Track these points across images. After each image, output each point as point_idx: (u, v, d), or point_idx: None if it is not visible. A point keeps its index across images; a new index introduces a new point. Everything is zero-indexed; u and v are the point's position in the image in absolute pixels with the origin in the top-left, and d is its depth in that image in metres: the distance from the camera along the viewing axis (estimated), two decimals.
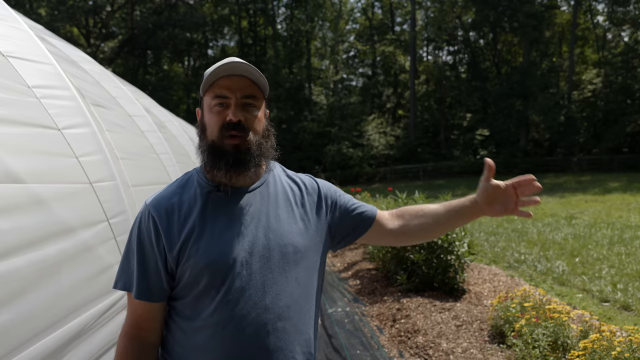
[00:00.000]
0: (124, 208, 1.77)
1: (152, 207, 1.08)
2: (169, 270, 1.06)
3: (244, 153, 1.07)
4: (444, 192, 5.24)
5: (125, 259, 1.09)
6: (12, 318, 1.07)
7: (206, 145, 1.09)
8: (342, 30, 34.71)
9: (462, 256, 4.43)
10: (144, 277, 1.05)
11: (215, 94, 1.07)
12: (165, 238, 1.04)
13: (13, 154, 1.24)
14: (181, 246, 1.04)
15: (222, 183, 1.10)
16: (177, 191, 1.11)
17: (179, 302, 1.08)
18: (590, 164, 26.01)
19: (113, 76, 3.30)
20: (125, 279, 1.09)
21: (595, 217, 9.63)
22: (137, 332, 1.08)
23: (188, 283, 1.05)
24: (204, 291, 1.04)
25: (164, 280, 1.06)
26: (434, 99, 33.54)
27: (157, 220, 1.05)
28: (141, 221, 1.08)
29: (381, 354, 3.37)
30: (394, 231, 1.27)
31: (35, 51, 1.65)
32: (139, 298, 1.05)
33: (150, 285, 1.06)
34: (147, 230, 1.06)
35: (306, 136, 28.27)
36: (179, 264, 1.05)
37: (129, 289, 1.08)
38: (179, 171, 3.41)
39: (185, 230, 1.05)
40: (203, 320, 1.04)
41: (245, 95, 1.08)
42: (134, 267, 1.06)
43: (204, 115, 1.11)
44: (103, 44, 30.97)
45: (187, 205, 1.08)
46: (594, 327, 2.85)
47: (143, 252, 1.06)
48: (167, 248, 1.04)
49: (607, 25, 31.67)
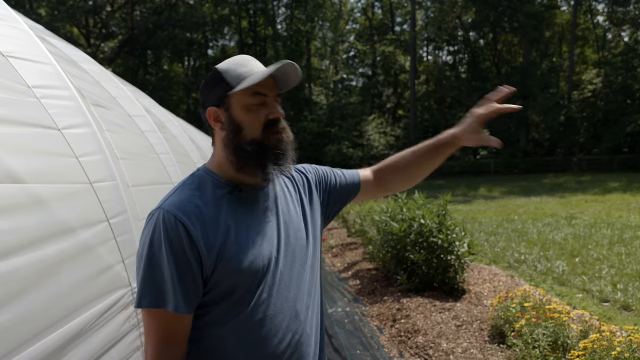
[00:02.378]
0: (124, 208, 1.77)
1: (177, 212, 0.99)
2: (204, 277, 1.00)
3: (287, 147, 1.09)
4: (444, 192, 5.24)
5: (149, 273, 0.98)
6: (12, 318, 1.07)
7: (249, 145, 1.05)
8: (342, 30, 34.71)
9: (462, 256, 4.43)
10: (182, 288, 0.97)
11: (254, 91, 1.05)
12: (201, 243, 0.98)
13: (13, 154, 1.24)
14: (219, 249, 0.99)
15: (242, 182, 1.09)
16: (195, 194, 1.04)
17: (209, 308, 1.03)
18: (590, 164, 26.03)
19: (113, 76, 3.30)
20: (153, 294, 0.97)
21: (595, 217, 9.63)
22: (173, 351, 1.00)
23: (226, 287, 1.01)
24: (242, 294, 1.02)
25: (200, 287, 1.00)
26: (434, 99, 33.55)
27: (187, 226, 0.97)
28: (167, 229, 0.97)
29: (381, 354, 3.37)
30: (380, 180, 1.38)
31: (35, 51, 1.65)
32: (178, 311, 0.97)
33: (189, 296, 0.98)
34: (177, 237, 0.97)
35: (306, 136, 28.26)
36: (216, 269, 1.00)
37: (159, 304, 0.97)
38: (179, 171, 3.40)
39: (219, 232, 1.00)
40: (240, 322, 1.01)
41: (277, 93, 1.11)
42: (167, 279, 0.97)
43: (235, 113, 1.06)
44: (103, 44, 30.98)
45: (212, 207, 1.03)
46: (594, 327, 2.85)
47: (177, 262, 0.97)
48: (205, 253, 0.98)
49: (607, 25, 31.69)
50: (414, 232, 4.50)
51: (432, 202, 4.88)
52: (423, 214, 4.56)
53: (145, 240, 1.00)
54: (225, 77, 1.05)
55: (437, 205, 4.75)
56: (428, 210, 4.64)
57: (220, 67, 1.07)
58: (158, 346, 0.99)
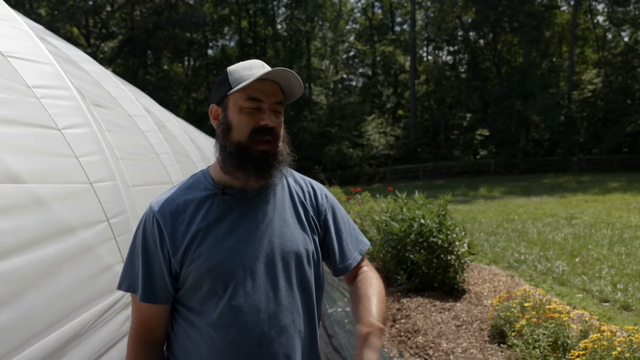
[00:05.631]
0: (124, 208, 1.77)
1: (156, 209, 1.07)
2: (173, 273, 1.05)
3: (272, 158, 1.07)
4: (444, 192, 5.24)
5: (129, 261, 1.09)
6: (12, 318, 1.07)
7: (232, 146, 1.06)
8: (342, 30, 34.73)
9: (462, 256, 4.43)
10: (149, 280, 1.05)
11: (250, 96, 1.05)
12: (169, 241, 1.04)
13: (13, 154, 1.24)
14: (185, 249, 1.03)
15: (230, 186, 1.09)
16: (182, 193, 1.10)
17: (183, 305, 1.08)
18: (590, 164, 26.02)
19: (113, 76, 3.30)
20: (129, 281, 1.08)
21: (595, 217, 9.63)
22: (145, 335, 1.09)
23: (191, 287, 1.05)
24: (207, 295, 1.04)
25: (169, 283, 1.06)
26: (434, 99, 33.55)
27: (161, 223, 1.05)
28: (146, 224, 1.07)
29: (381, 354, 3.37)
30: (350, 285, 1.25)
31: (35, 51, 1.64)
32: (144, 301, 1.05)
33: (155, 288, 1.05)
34: (152, 233, 1.06)
35: (306, 136, 28.27)
36: (183, 267, 1.04)
37: (133, 290, 1.07)
38: (179, 171, 3.40)
39: (189, 233, 1.04)
40: (207, 324, 1.03)
41: (276, 101, 1.08)
42: (139, 269, 1.06)
43: (229, 114, 1.08)
44: (103, 44, 30.97)
45: (192, 208, 1.07)
46: (594, 327, 2.85)
47: (147, 255, 1.06)
48: (171, 251, 1.04)
49: (607, 25, 31.70)
50: (414, 232, 4.50)
51: (432, 202, 4.88)
52: (423, 214, 4.56)
53: (134, 232, 1.11)
54: (229, 78, 1.08)
55: (437, 205, 4.74)
56: (428, 210, 4.64)
57: (229, 68, 1.11)
58: (134, 328, 1.09)
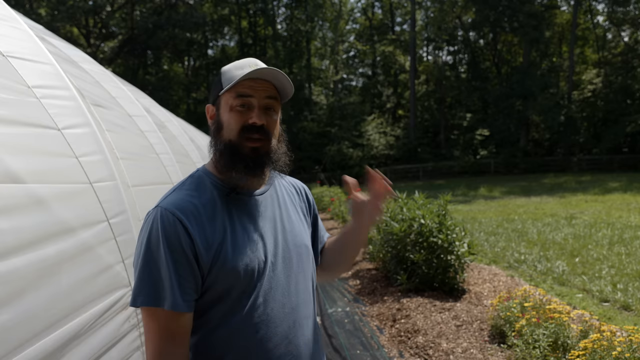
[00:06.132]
0: (124, 208, 1.77)
1: (176, 209, 0.99)
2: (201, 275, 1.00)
3: (263, 157, 1.06)
4: (444, 192, 5.24)
5: (146, 271, 0.96)
6: (12, 318, 1.07)
7: (222, 145, 1.05)
8: (342, 30, 34.74)
9: (462, 256, 4.43)
10: (180, 285, 0.96)
11: (238, 93, 1.04)
12: (199, 241, 0.98)
13: (13, 154, 1.24)
14: (216, 250, 0.99)
15: (237, 185, 1.07)
16: (194, 194, 1.04)
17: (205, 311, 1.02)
18: (590, 164, 26.03)
19: (113, 76, 3.30)
20: (148, 293, 0.96)
21: (595, 217, 9.63)
22: (172, 350, 0.97)
23: (220, 288, 1.00)
24: (237, 296, 1.01)
25: (199, 284, 1.00)
26: (434, 99, 33.56)
27: (186, 224, 0.97)
28: (165, 226, 0.97)
29: (381, 354, 3.37)
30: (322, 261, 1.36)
31: (35, 51, 1.64)
32: (176, 310, 0.95)
33: (187, 294, 0.97)
34: (175, 234, 0.96)
35: (306, 136, 28.28)
36: (212, 269, 0.99)
37: (154, 303, 0.96)
38: (179, 171, 3.40)
39: (217, 232, 1.00)
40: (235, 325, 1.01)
41: (267, 96, 1.06)
42: (165, 276, 0.96)
43: (221, 113, 1.07)
44: (103, 44, 30.97)
45: (209, 207, 1.03)
46: (594, 327, 2.85)
47: (174, 259, 0.96)
48: (202, 252, 0.98)
49: (607, 25, 31.70)
50: (414, 232, 4.50)
51: (432, 202, 4.88)
52: (423, 214, 4.56)
53: (143, 238, 0.99)
54: (222, 78, 1.08)
55: (437, 205, 4.74)
56: (428, 210, 4.64)
57: (222, 68, 1.10)
58: (158, 345, 0.97)
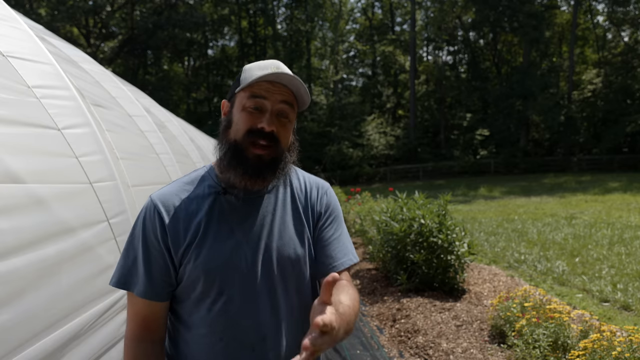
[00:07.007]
0: (124, 208, 1.77)
1: (158, 201, 1.02)
2: (173, 269, 1.01)
3: (266, 164, 1.01)
4: (444, 192, 5.24)
5: (125, 255, 1.03)
6: (12, 318, 1.07)
7: (227, 144, 1.03)
8: (342, 30, 34.71)
9: (462, 256, 4.43)
10: (149, 274, 1.00)
11: (253, 94, 1.01)
12: (170, 235, 1.00)
13: (13, 154, 1.24)
14: (186, 247, 1.00)
15: (233, 185, 1.04)
16: (185, 188, 1.06)
17: (178, 305, 1.05)
18: (590, 164, 26.02)
19: (113, 76, 3.30)
20: (120, 276, 1.02)
21: (595, 217, 9.63)
22: (144, 334, 1.03)
23: (186, 286, 1.02)
24: (200, 297, 1.01)
25: (172, 277, 1.01)
26: (434, 99, 33.55)
27: (163, 216, 1.00)
28: (146, 215, 1.02)
29: (381, 354, 3.37)
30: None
31: (35, 51, 1.64)
32: (143, 297, 1.00)
33: (155, 284, 1.00)
34: (152, 225, 1.00)
35: (306, 136, 28.26)
36: (182, 263, 1.01)
37: (125, 285, 1.01)
38: (179, 171, 3.40)
39: (190, 230, 1.01)
40: (201, 328, 1.01)
41: (283, 100, 1.03)
42: (138, 263, 1.01)
43: (233, 111, 1.05)
44: (103, 44, 30.96)
45: (194, 204, 1.03)
46: (594, 327, 2.85)
47: (147, 248, 1.00)
48: (173, 245, 1.00)
49: (607, 25, 31.70)
50: (414, 232, 4.50)
51: (432, 202, 4.88)
52: (423, 214, 4.56)
53: (133, 225, 1.05)
54: (241, 76, 1.07)
55: (437, 205, 4.74)
56: (428, 210, 4.64)
57: (246, 65, 1.09)
58: (132, 329, 1.03)
